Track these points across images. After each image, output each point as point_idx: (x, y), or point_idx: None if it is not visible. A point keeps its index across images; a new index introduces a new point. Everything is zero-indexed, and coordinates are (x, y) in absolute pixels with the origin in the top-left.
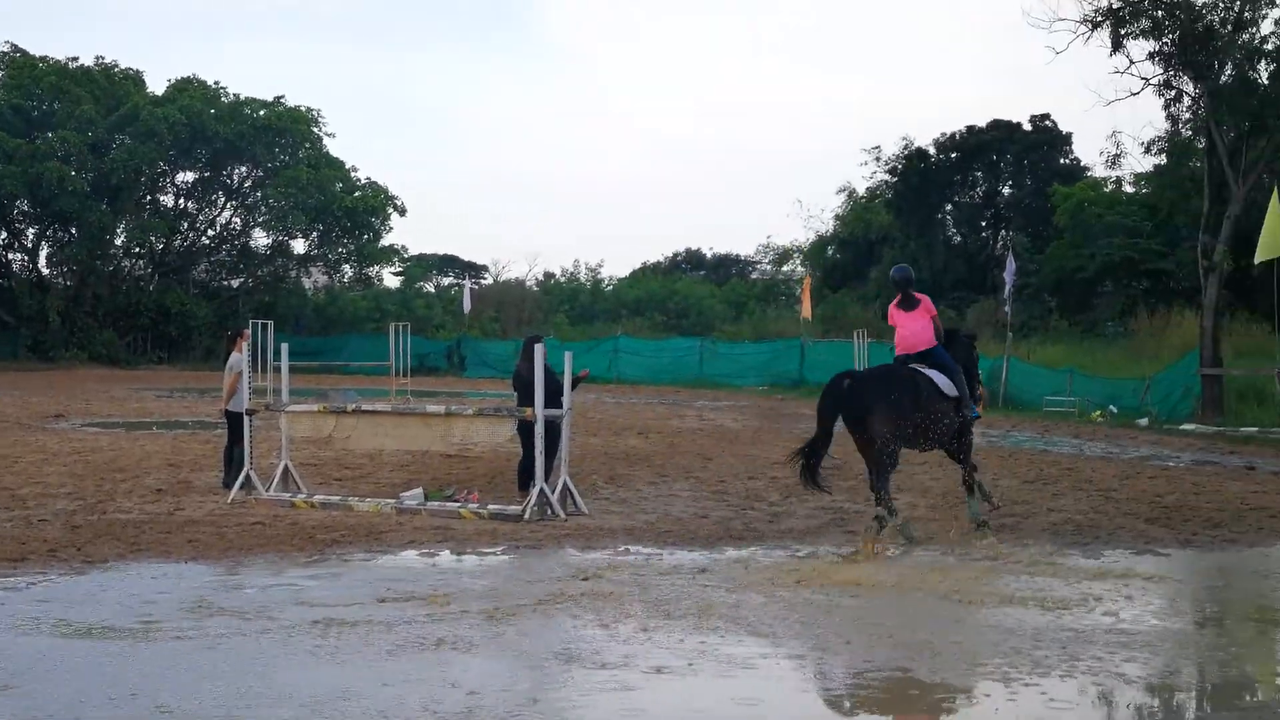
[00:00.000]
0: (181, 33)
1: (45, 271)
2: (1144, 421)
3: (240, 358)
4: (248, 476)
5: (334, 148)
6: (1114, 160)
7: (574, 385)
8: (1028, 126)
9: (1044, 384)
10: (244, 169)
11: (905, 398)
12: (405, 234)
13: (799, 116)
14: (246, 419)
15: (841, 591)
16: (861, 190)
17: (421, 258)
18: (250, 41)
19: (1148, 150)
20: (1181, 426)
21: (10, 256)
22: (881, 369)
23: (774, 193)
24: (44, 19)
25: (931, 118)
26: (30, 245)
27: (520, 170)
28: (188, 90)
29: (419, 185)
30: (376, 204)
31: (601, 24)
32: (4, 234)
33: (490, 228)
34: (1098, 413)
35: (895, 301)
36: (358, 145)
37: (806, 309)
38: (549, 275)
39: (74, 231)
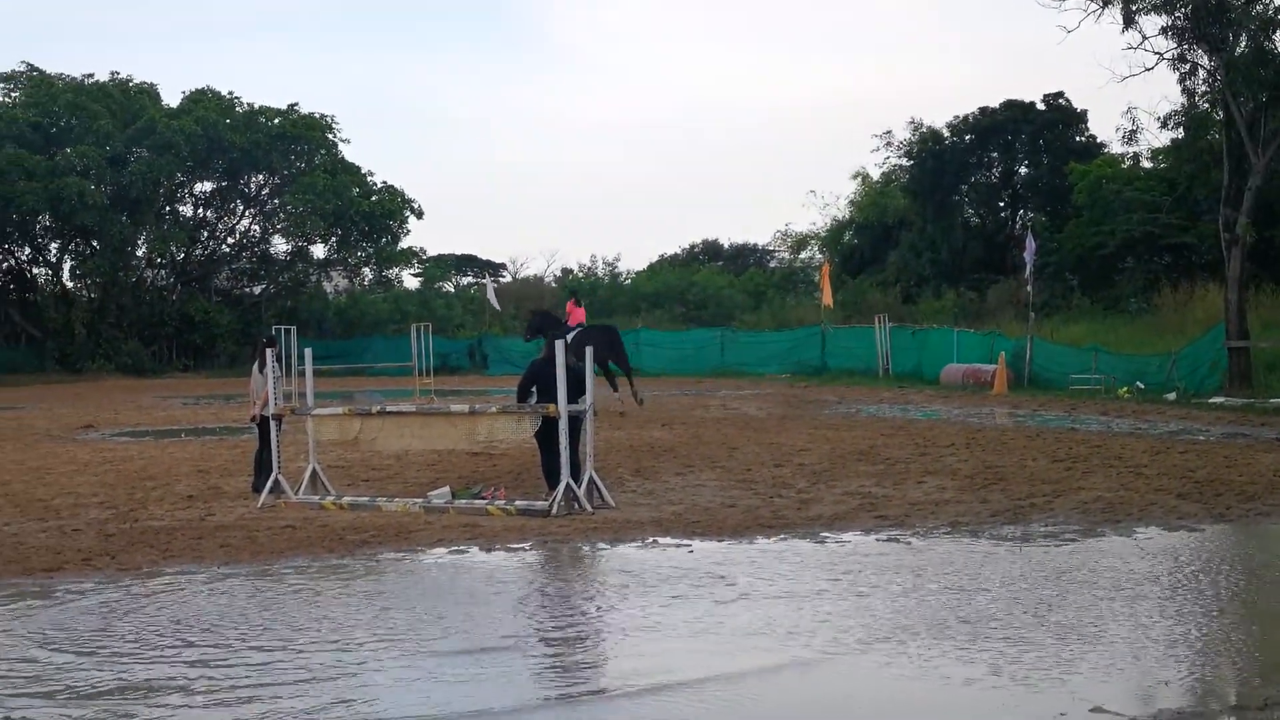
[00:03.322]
0: (194, 45)
1: (69, 285)
2: (1172, 396)
3: (270, 365)
4: (276, 481)
5: (349, 153)
6: (1130, 136)
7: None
8: (1041, 106)
9: (1069, 362)
10: (261, 177)
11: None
12: (423, 235)
13: (809, 103)
14: (274, 423)
15: None
16: (875, 175)
17: (440, 258)
18: (263, 51)
19: (1164, 125)
20: (1210, 400)
21: (34, 271)
22: (607, 328)
23: (789, 181)
24: (58, 39)
25: (942, 101)
26: (53, 260)
27: (535, 167)
28: (202, 102)
29: (435, 186)
30: (393, 207)
31: (612, 22)
32: (28, 249)
33: (507, 226)
34: (1125, 389)
35: (572, 301)
36: (372, 150)
37: (827, 296)
38: (567, 271)
39: (96, 244)
